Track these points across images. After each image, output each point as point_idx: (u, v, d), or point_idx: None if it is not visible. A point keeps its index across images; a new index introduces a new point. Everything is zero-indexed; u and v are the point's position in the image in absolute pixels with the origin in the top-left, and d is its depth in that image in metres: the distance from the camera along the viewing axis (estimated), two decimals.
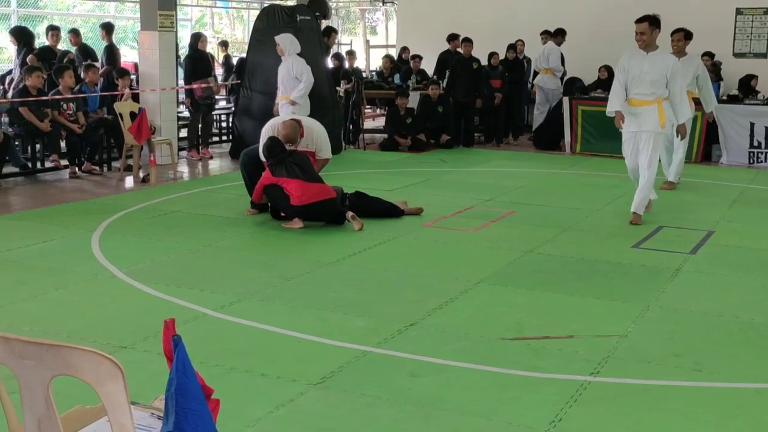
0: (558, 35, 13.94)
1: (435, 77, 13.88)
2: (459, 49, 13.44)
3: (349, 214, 7.25)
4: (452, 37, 13.83)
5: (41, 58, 11.52)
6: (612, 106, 7.49)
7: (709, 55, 13.13)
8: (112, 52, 12.34)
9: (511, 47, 13.86)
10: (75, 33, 12.66)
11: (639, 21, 7.45)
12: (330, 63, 13.71)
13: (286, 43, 9.96)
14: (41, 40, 13.11)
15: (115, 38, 12.89)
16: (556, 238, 7.03)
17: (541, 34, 14.07)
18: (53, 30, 12.25)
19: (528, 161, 11.78)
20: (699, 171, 10.89)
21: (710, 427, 3.63)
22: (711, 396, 3.96)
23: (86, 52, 12.35)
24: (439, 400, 3.81)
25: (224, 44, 17.44)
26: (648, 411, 3.76)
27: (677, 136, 7.94)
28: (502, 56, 13.63)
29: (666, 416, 3.72)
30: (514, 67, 13.82)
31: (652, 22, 7.39)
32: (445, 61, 13.96)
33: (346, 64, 15.28)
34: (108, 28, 12.60)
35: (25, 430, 2.23)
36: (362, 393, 3.87)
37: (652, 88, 7.36)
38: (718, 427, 3.63)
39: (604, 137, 12.19)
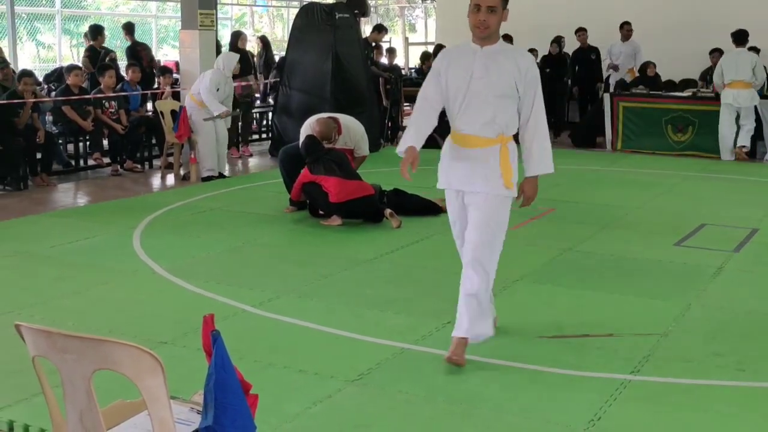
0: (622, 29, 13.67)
1: None
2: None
3: (387, 211, 7.25)
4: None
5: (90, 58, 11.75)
6: (404, 142, 4.13)
7: (754, 50, 12.91)
8: (135, 50, 12.48)
9: (555, 42, 13.70)
10: (128, 29, 12.81)
11: None
12: (384, 60, 13.74)
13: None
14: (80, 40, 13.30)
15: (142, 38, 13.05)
16: (596, 236, 6.97)
17: (577, 32, 13.82)
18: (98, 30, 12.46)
19: (568, 158, 11.66)
20: (743, 168, 10.72)
21: (753, 427, 3.57)
22: (754, 396, 3.90)
23: (134, 50, 12.51)
24: (476, 398, 3.80)
25: (264, 42, 17.50)
26: (689, 411, 3.71)
27: (518, 200, 4.36)
28: (544, 51, 13.50)
29: (707, 416, 3.67)
30: (557, 62, 13.68)
31: None
32: None
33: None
34: (129, 29, 12.79)
35: (67, 422, 2.27)
36: (399, 390, 3.87)
37: (491, 111, 4.06)
38: (760, 428, 3.57)
39: (646, 134, 12.11)
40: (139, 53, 12.32)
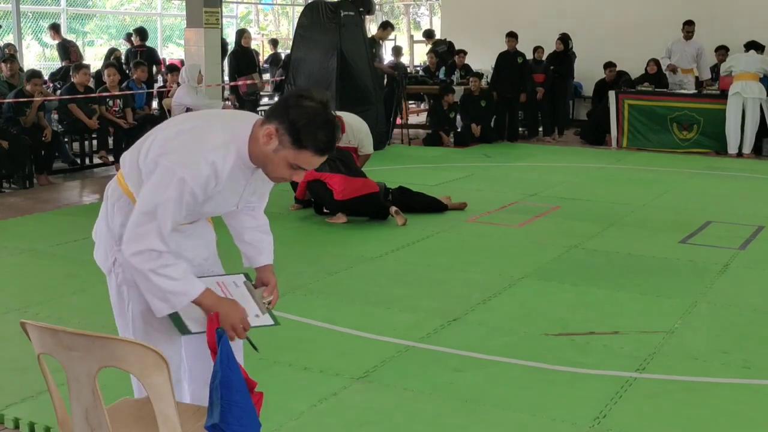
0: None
1: (479, 72, 13.80)
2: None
3: (393, 209, 7.25)
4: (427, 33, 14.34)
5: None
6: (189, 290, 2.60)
7: (760, 49, 12.88)
8: (66, 48, 12.63)
9: (560, 39, 13.56)
10: (54, 29, 13.10)
11: None
12: (391, 57, 13.75)
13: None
14: (89, 38, 13.43)
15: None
16: (602, 234, 6.95)
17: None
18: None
19: (573, 156, 11.66)
20: (749, 165, 10.70)
21: (758, 425, 3.57)
22: (759, 394, 3.89)
23: (65, 48, 12.79)
24: (482, 396, 3.80)
25: (274, 42, 17.62)
26: (694, 408, 3.71)
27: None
28: (550, 49, 13.45)
29: (713, 414, 3.66)
30: (562, 60, 13.62)
31: None
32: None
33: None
34: (55, 28, 13.15)
35: (72, 420, 2.27)
36: (405, 387, 3.87)
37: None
38: (766, 426, 3.56)
39: (651, 131, 12.09)
40: (69, 49, 12.65)
